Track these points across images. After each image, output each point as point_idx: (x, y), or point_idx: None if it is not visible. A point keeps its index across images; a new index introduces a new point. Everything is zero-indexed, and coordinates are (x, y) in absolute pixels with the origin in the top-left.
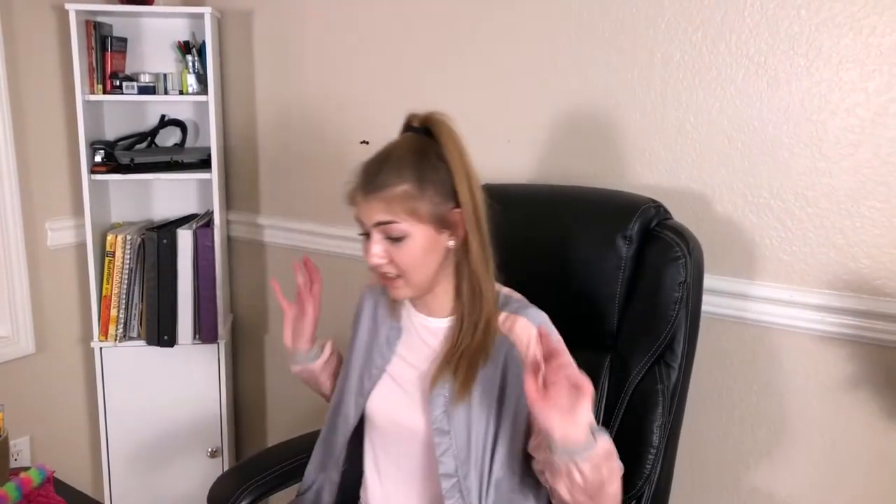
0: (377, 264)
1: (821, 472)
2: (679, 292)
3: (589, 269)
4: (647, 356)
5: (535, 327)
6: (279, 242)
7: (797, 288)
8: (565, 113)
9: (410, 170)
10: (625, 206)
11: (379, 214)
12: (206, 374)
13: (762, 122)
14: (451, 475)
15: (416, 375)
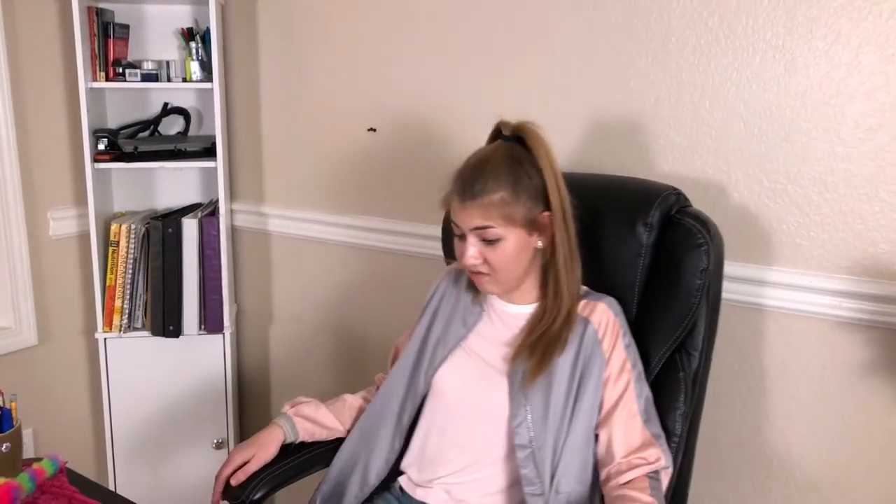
0: (473, 264)
1: (837, 457)
2: (701, 279)
3: (609, 256)
4: (668, 344)
5: (612, 312)
6: (285, 232)
7: (815, 273)
8: (577, 100)
9: (506, 178)
10: (645, 194)
11: (476, 220)
12: (211, 365)
13: (779, 106)
14: (525, 446)
15: (492, 354)
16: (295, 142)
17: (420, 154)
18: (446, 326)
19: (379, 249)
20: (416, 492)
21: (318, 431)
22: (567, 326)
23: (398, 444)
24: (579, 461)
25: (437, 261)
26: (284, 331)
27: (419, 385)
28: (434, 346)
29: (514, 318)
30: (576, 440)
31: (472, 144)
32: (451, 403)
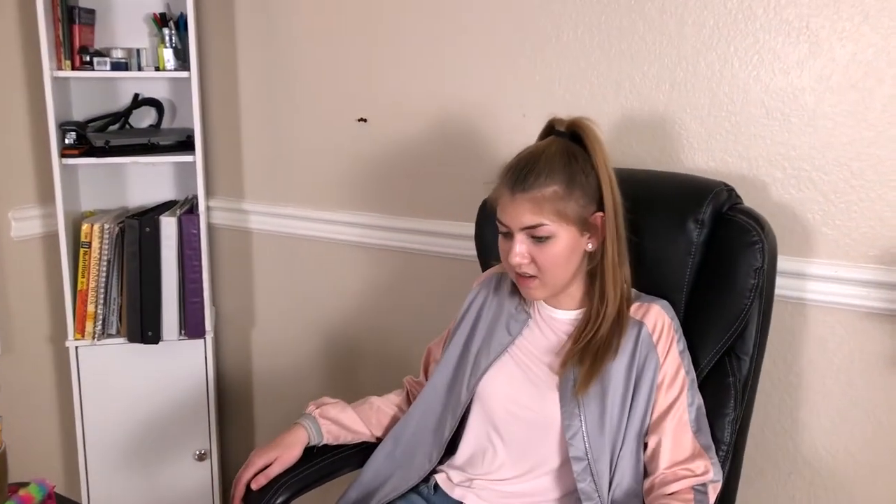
0: (518, 263)
1: (864, 452)
2: (755, 279)
3: (655, 255)
4: (718, 347)
5: (666, 315)
6: (267, 229)
7: (841, 263)
8: (585, 90)
9: (560, 172)
10: (694, 189)
11: (527, 216)
12: (191, 372)
13: (802, 90)
14: (581, 458)
15: (539, 362)
16: (277, 134)
17: (415, 145)
18: (489, 334)
19: (373, 247)
20: (455, 491)
21: (343, 435)
22: (617, 331)
23: (436, 456)
24: (632, 471)
25: (439, 259)
26: (267, 335)
27: (461, 395)
28: (476, 354)
29: (559, 324)
30: (629, 451)
31: (470, 135)
32: (499, 412)
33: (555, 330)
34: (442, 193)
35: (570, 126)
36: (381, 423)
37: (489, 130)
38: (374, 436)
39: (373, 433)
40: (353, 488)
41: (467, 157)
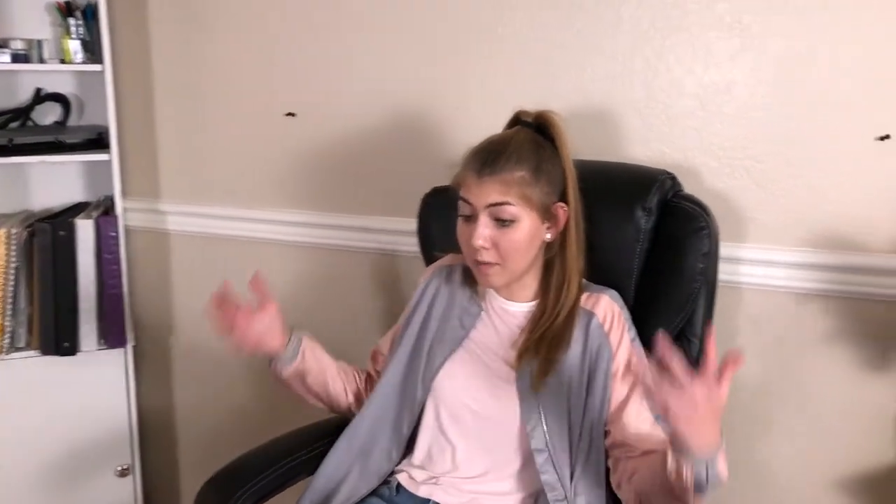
0: (481, 246)
1: (797, 427)
2: (703, 263)
3: (604, 244)
4: (669, 330)
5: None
6: (187, 230)
7: (774, 247)
8: (528, 78)
9: (528, 159)
10: (641, 178)
11: (494, 195)
12: (111, 384)
13: (734, 83)
14: (542, 450)
15: (494, 355)
16: (197, 130)
17: (347, 140)
18: (441, 327)
19: (304, 245)
20: (421, 489)
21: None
22: (571, 322)
23: (396, 454)
24: (594, 461)
25: (375, 255)
26: (189, 342)
27: (417, 391)
28: (430, 349)
29: (513, 317)
30: (588, 440)
31: (406, 129)
32: (457, 408)
33: (507, 323)
34: (377, 188)
35: (538, 118)
36: (351, 382)
37: (426, 124)
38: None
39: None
40: (306, 495)
41: (404, 150)
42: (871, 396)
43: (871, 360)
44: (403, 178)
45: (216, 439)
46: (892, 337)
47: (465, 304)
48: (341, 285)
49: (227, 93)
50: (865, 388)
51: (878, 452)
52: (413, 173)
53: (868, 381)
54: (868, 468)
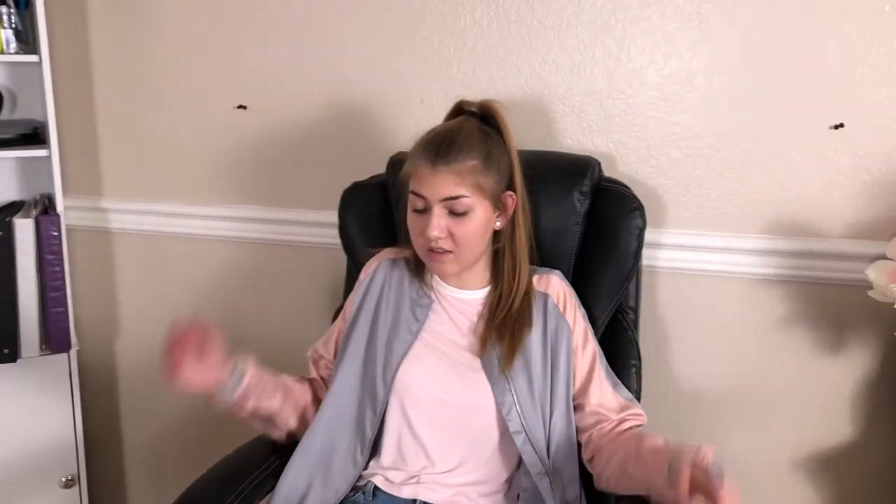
0: (436, 237)
1: (755, 410)
2: (638, 240)
3: (545, 228)
4: (612, 305)
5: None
6: (131, 228)
7: (733, 235)
8: (488, 69)
9: (479, 147)
10: (573, 164)
11: (449, 188)
12: (54, 391)
13: (694, 73)
14: (519, 431)
15: (454, 345)
16: (140, 124)
17: (302, 133)
18: (395, 321)
19: (255, 241)
20: (403, 490)
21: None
22: (528, 303)
23: (362, 456)
24: (566, 435)
25: (322, 249)
26: (135, 344)
27: (377, 390)
28: (385, 345)
29: (467, 305)
30: (559, 415)
31: (363, 121)
32: (426, 403)
33: (462, 311)
34: (332, 183)
35: (482, 107)
36: (297, 403)
37: (383, 115)
38: (283, 408)
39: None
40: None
41: (361, 143)
42: (826, 378)
43: (827, 342)
44: (358, 173)
45: (164, 446)
46: (846, 320)
47: (414, 296)
48: (296, 282)
49: (172, 85)
50: (821, 370)
51: (834, 432)
52: (367, 167)
53: (823, 363)
54: (824, 447)
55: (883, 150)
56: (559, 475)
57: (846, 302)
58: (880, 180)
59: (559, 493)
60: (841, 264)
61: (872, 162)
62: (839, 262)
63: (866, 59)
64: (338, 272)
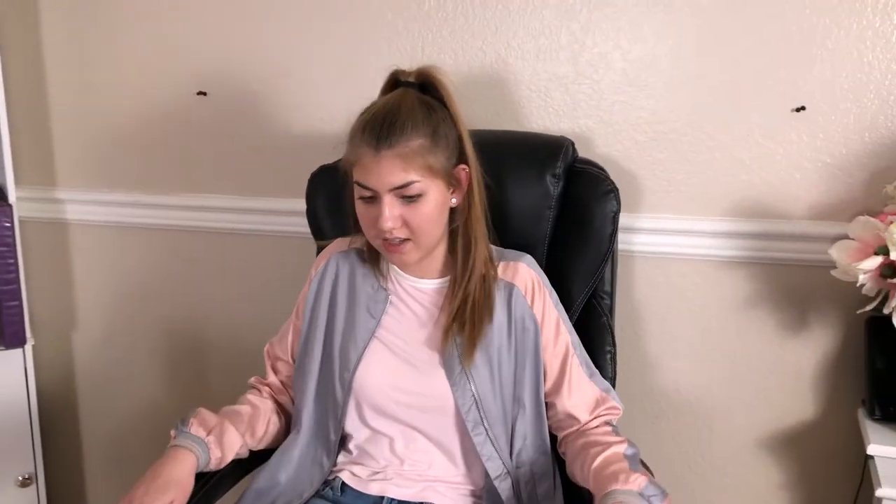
0: (391, 228)
1: (722, 388)
2: (613, 224)
3: (516, 211)
4: (585, 291)
5: (533, 271)
6: (88, 219)
7: (699, 217)
8: (454, 53)
9: (423, 124)
10: (545, 146)
11: (396, 174)
12: (9, 387)
13: (659, 57)
14: (479, 431)
15: (413, 339)
16: (96, 112)
17: (262, 119)
18: (349, 321)
19: (217, 231)
20: (371, 486)
21: (226, 459)
22: (487, 290)
23: (329, 463)
24: (535, 430)
25: (286, 238)
26: (93, 338)
27: (336, 394)
28: (342, 347)
29: (426, 295)
30: (527, 410)
31: (317, 106)
32: (385, 404)
33: (422, 302)
34: (296, 170)
35: (419, 76)
36: (255, 436)
37: (346, 100)
38: (248, 451)
39: (248, 449)
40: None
41: (325, 129)
42: (789, 357)
43: (790, 323)
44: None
45: (124, 442)
46: (808, 300)
47: (369, 292)
48: (263, 272)
49: (130, 72)
50: (784, 350)
51: (797, 411)
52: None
53: (786, 344)
54: (787, 427)
55: (843, 133)
56: (528, 471)
57: (809, 282)
58: (840, 162)
59: (529, 490)
60: (804, 245)
61: (833, 145)
62: (802, 244)
63: (826, 44)
64: (307, 261)
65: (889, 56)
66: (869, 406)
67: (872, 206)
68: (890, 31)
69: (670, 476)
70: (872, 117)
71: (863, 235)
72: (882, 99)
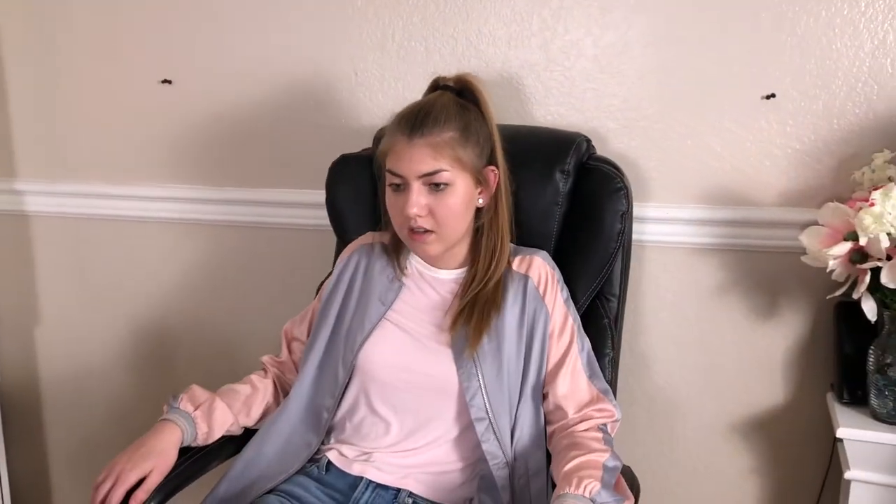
0: (416, 215)
1: (695, 374)
2: (621, 223)
3: (527, 206)
4: (590, 291)
5: (547, 266)
6: (50, 211)
7: (671, 205)
8: (424, 41)
9: (456, 119)
10: (556, 141)
11: (426, 162)
12: None
13: (630, 44)
14: (482, 418)
15: (423, 321)
16: (58, 101)
17: (235, 108)
18: (360, 308)
19: (188, 222)
20: (353, 467)
21: (215, 434)
22: (499, 287)
23: (316, 442)
24: (532, 423)
25: (256, 229)
26: (57, 334)
27: (338, 375)
28: (349, 330)
29: (442, 284)
30: (528, 402)
31: (300, 95)
32: (388, 381)
33: (438, 290)
34: (263, 159)
35: (458, 81)
36: (250, 416)
37: (320, 90)
38: (242, 429)
39: (242, 427)
40: (222, 483)
41: (292, 117)
42: (760, 343)
43: (760, 308)
44: (288, 147)
45: (90, 440)
46: (779, 286)
47: (385, 283)
48: (233, 264)
49: (93, 59)
50: (755, 336)
51: (768, 396)
52: (310, 142)
53: (757, 329)
54: (758, 410)
55: (812, 120)
56: (524, 465)
57: (779, 268)
58: (809, 149)
59: (522, 484)
60: (774, 232)
61: (802, 131)
62: (772, 230)
63: (795, 30)
64: (275, 253)
65: (856, 43)
66: (838, 390)
67: (841, 193)
68: (857, 19)
69: (645, 463)
70: (841, 104)
71: (832, 221)
72: (850, 86)
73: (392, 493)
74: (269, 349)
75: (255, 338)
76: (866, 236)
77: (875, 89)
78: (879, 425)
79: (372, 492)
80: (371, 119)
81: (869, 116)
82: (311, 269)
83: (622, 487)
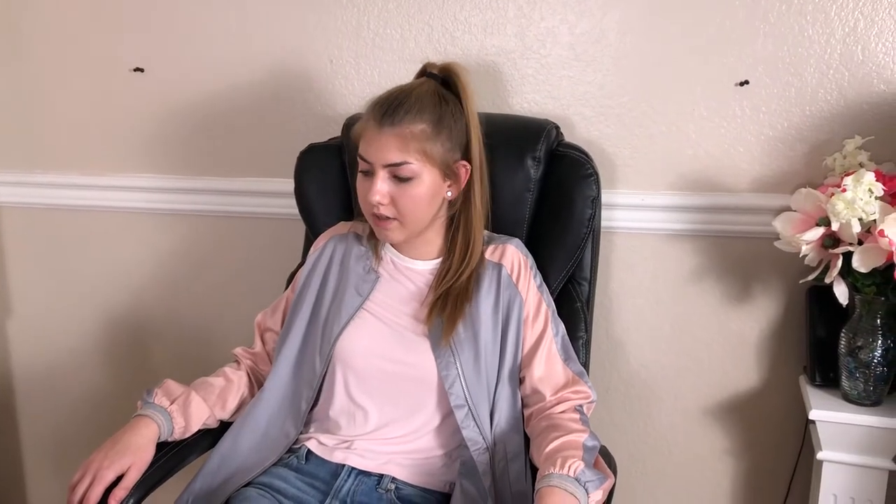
0: (378, 203)
1: (671, 357)
2: (591, 209)
3: (499, 193)
4: (563, 275)
5: (520, 253)
6: (21, 202)
7: (645, 192)
8: (400, 28)
9: (430, 111)
10: (528, 128)
11: (393, 152)
12: None
13: (606, 31)
14: (462, 405)
15: (400, 312)
16: (26, 89)
17: (208, 97)
18: (337, 299)
19: (162, 212)
20: (335, 454)
21: (191, 428)
22: (471, 279)
23: (294, 433)
24: (511, 407)
25: (230, 219)
26: (29, 325)
27: (315, 366)
28: (325, 321)
29: (418, 275)
30: (505, 387)
31: (274, 83)
32: (367, 371)
33: (414, 280)
34: (237, 148)
35: (443, 70)
36: (226, 408)
37: (295, 77)
38: (218, 422)
39: (218, 420)
40: (198, 478)
41: (267, 106)
42: (733, 327)
43: (734, 293)
44: (261, 136)
45: (65, 436)
46: (752, 271)
47: (360, 273)
48: (208, 255)
49: (62, 47)
50: (729, 320)
51: (742, 379)
52: (285, 131)
53: (731, 313)
54: (732, 393)
55: (784, 107)
56: (503, 449)
57: (753, 253)
58: (782, 135)
59: (501, 468)
60: (748, 217)
61: (775, 118)
62: (746, 216)
63: (768, 18)
64: (250, 244)
65: (828, 31)
66: (810, 372)
67: (813, 178)
68: (829, 6)
69: (622, 448)
70: (813, 91)
71: (805, 207)
72: (822, 73)
73: (375, 479)
74: (242, 340)
75: (228, 328)
76: (838, 221)
77: (846, 76)
78: (851, 407)
79: (355, 478)
80: (346, 107)
81: (840, 103)
82: (284, 259)
83: (601, 466)
